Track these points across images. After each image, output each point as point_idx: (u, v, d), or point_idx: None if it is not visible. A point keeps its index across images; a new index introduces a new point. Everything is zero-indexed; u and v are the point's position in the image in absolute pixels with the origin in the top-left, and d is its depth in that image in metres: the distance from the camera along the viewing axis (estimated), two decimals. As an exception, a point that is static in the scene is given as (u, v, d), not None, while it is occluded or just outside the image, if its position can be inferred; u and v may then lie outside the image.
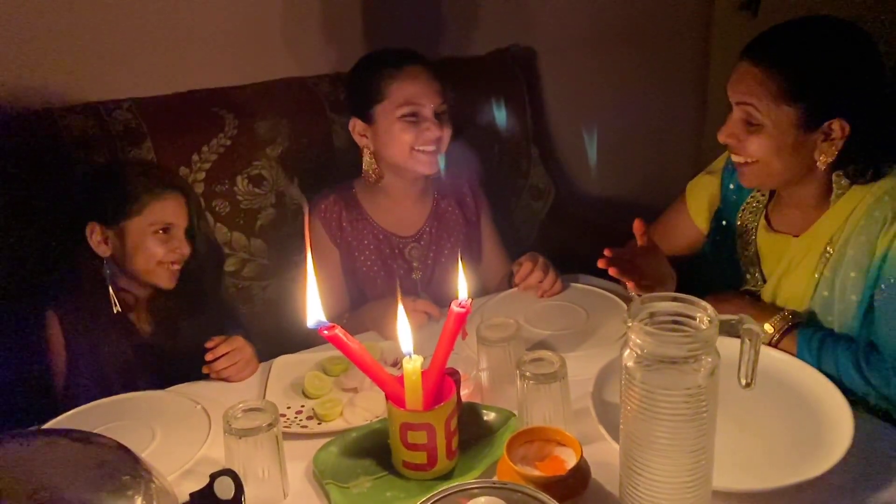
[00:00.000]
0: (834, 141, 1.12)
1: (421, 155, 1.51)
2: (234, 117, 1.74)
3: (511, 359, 1.09)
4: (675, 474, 0.81)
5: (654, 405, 0.78)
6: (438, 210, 1.66)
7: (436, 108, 1.51)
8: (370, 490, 0.96)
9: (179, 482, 0.97)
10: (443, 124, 1.52)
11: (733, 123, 1.18)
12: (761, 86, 1.13)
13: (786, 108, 1.12)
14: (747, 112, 1.15)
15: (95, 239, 1.36)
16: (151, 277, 1.39)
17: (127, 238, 1.36)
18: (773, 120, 1.13)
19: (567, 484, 0.89)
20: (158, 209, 1.37)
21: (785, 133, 1.13)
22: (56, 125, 1.59)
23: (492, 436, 1.04)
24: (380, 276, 1.61)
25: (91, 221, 1.35)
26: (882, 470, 0.96)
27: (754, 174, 1.21)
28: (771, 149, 1.15)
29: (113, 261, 1.38)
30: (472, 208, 1.70)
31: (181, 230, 1.41)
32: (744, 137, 1.17)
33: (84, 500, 0.73)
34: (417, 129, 1.49)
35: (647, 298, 0.81)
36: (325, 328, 0.90)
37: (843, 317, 1.15)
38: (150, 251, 1.36)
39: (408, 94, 1.50)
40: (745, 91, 1.15)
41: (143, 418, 1.13)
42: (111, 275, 1.38)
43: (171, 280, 1.40)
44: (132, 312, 1.43)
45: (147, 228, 1.36)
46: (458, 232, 1.67)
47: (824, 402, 1.05)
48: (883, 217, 1.10)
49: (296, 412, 1.14)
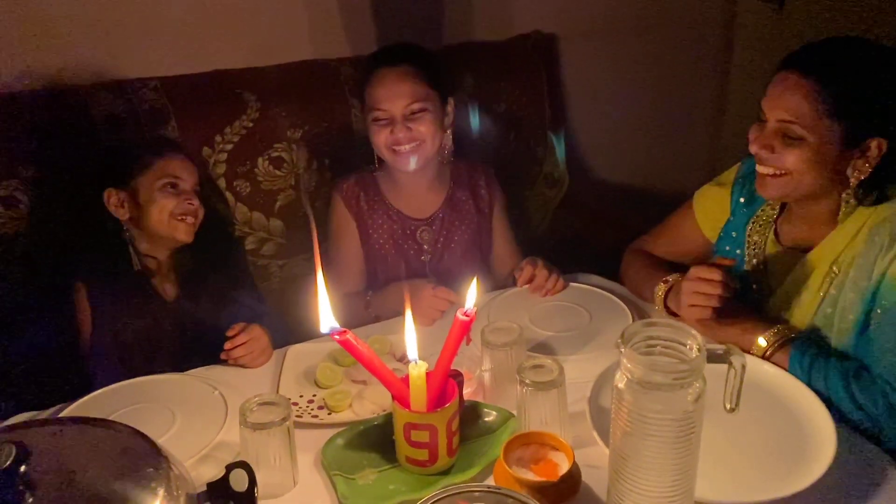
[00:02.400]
0: (869, 159, 1.14)
1: (397, 155, 1.58)
2: (256, 99, 1.78)
3: (513, 361, 1.14)
4: (659, 487, 0.86)
5: (642, 426, 0.83)
6: (453, 198, 1.71)
7: (405, 111, 1.54)
8: (374, 482, 1.02)
9: (196, 467, 1.04)
10: (419, 124, 1.55)
11: (769, 134, 1.18)
12: (810, 99, 1.13)
13: (831, 124, 1.13)
14: (787, 125, 1.15)
15: (113, 203, 1.45)
16: (168, 231, 1.46)
17: (139, 196, 1.45)
18: (817, 134, 1.13)
19: (558, 489, 0.95)
20: (162, 165, 1.46)
21: (827, 148, 1.14)
22: (85, 103, 1.64)
23: (491, 434, 1.10)
24: (391, 255, 1.68)
25: (107, 189, 1.44)
26: (862, 486, 0.99)
27: (780, 186, 1.20)
28: (809, 162, 1.15)
29: (132, 223, 1.46)
30: (486, 199, 1.74)
31: (189, 185, 1.49)
32: (780, 149, 1.17)
33: (110, 488, 0.79)
34: (388, 131, 1.55)
35: (640, 323, 0.85)
36: (337, 333, 0.95)
37: (841, 335, 1.17)
38: (161, 203, 1.44)
39: (375, 98, 1.56)
40: (792, 104, 1.14)
41: (163, 401, 1.19)
42: (131, 237, 1.46)
43: (188, 233, 1.47)
44: (155, 277, 1.50)
45: (155, 184, 1.45)
46: (470, 221, 1.71)
47: (810, 418, 1.09)
48: (881, 243, 1.12)
49: (308, 401, 1.21)
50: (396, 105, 1.54)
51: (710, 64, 2.50)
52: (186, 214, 1.46)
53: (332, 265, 1.69)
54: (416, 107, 1.55)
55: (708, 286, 1.23)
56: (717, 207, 1.43)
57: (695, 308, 1.25)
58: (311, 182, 1.86)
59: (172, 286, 1.52)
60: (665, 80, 2.40)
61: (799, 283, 1.26)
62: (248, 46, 1.85)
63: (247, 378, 1.29)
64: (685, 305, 1.26)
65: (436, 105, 1.59)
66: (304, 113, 1.83)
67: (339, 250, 1.70)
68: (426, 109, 1.56)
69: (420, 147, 1.57)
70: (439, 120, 1.60)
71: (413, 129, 1.55)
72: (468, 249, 1.71)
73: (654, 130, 2.44)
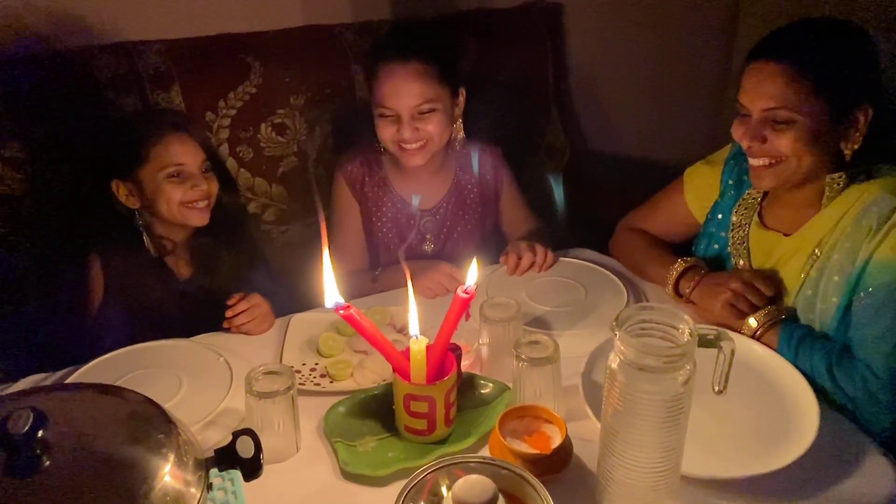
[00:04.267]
0: (860, 128, 1.16)
1: (403, 152, 1.55)
2: (259, 65, 1.78)
3: (510, 336, 1.18)
4: (647, 463, 0.89)
5: (633, 405, 0.86)
6: (458, 187, 1.70)
7: (413, 111, 1.50)
8: (374, 449, 1.07)
9: (202, 431, 1.08)
10: (427, 123, 1.52)
11: (757, 125, 1.19)
12: (791, 82, 1.14)
13: (816, 101, 1.14)
14: (773, 112, 1.17)
15: (122, 193, 1.42)
16: (181, 219, 1.43)
17: (144, 187, 1.41)
18: (805, 113, 1.15)
19: (550, 461, 0.99)
20: (163, 153, 1.40)
21: (818, 125, 1.15)
22: (90, 65, 1.64)
23: (487, 406, 1.14)
24: (393, 243, 1.68)
25: (115, 179, 1.42)
26: (843, 465, 1.03)
27: (777, 174, 1.21)
28: (804, 142, 1.16)
29: (145, 209, 1.44)
30: (492, 186, 1.72)
31: (195, 168, 1.43)
32: (772, 137, 1.18)
33: (123, 453, 0.83)
34: (395, 127, 1.52)
35: (635, 307, 0.88)
36: (342, 308, 0.98)
37: (823, 317, 1.20)
38: (168, 195, 1.40)
39: (381, 94, 1.51)
40: (774, 90, 1.16)
41: (170, 367, 1.22)
42: (144, 224, 1.44)
43: (201, 218, 1.45)
44: (171, 256, 1.49)
45: (158, 175, 1.40)
46: (474, 210, 1.71)
47: (795, 397, 1.12)
48: (868, 226, 1.14)
49: (310, 369, 1.24)
50: (404, 105, 1.50)
51: (715, 35, 2.49)
52: (196, 200, 1.43)
53: (335, 244, 1.67)
54: (425, 107, 1.51)
55: (756, 297, 1.25)
56: (706, 187, 1.45)
57: (733, 310, 1.26)
58: (314, 149, 1.86)
59: (186, 265, 1.52)
60: (669, 51, 2.39)
61: (780, 266, 1.29)
62: (252, 9, 1.84)
63: (251, 345, 1.32)
64: (723, 302, 1.27)
65: (446, 102, 1.54)
66: (307, 79, 1.83)
67: (342, 231, 1.69)
68: (435, 109, 1.52)
69: (427, 144, 1.54)
70: (449, 116, 1.56)
71: (421, 129, 1.52)
72: (471, 237, 1.71)
73: (657, 102, 2.44)
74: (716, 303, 1.28)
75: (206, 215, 1.45)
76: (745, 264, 1.36)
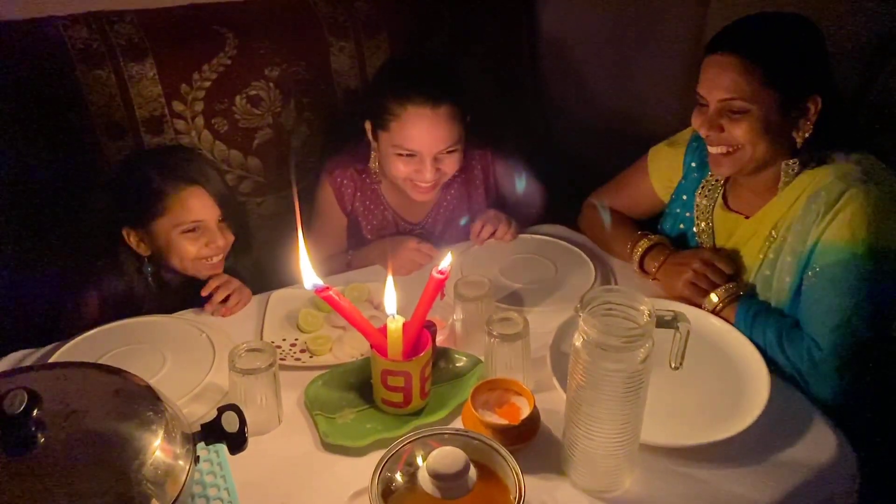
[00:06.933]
0: (810, 117, 1.22)
1: (418, 187, 1.54)
2: (234, 36, 1.77)
3: (483, 313, 1.23)
4: (608, 434, 0.96)
5: (596, 382, 0.92)
6: (449, 194, 1.71)
7: (440, 153, 1.49)
8: (353, 421, 1.12)
9: (187, 405, 1.12)
10: (448, 163, 1.52)
11: (714, 116, 1.24)
12: (744, 74, 1.20)
13: (768, 92, 1.20)
14: (728, 103, 1.22)
15: (133, 241, 1.41)
16: (192, 272, 1.41)
17: (157, 239, 1.39)
18: (758, 103, 1.20)
19: (519, 431, 1.05)
20: (179, 209, 1.37)
21: (770, 115, 1.21)
22: (60, 35, 1.63)
23: (460, 378, 1.20)
24: None
25: (126, 227, 1.40)
26: (792, 432, 1.11)
27: (734, 162, 1.27)
28: (757, 132, 1.22)
29: (156, 256, 1.42)
30: (482, 190, 1.73)
31: (212, 223, 1.40)
32: (728, 126, 1.23)
33: (114, 430, 0.86)
34: (413, 167, 1.50)
35: (598, 290, 0.94)
36: (321, 289, 1.03)
37: (779, 295, 1.27)
38: (183, 250, 1.38)
39: (405, 136, 1.47)
40: (728, 81, 1.21)
41: (153, 342, 1.25)
42: (153, 271, 1.43)
43: (214, 269, 1.42)
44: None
45: (174, 229, 1.37)
46: (462, 215, 1.72)
47: (748, 367, 1.20)
48: (817, 210, 1.20)
49: (290, 344, 1.28)
50: (430, 148, 1.48)
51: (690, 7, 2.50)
52: (210, 256, 1.41)
53: (314, 236, 1.67)
54: (450, 148, 1.50)
55: (716, 276, 1.32)
56: (669, 168, 1.51)
57: (694, 288, 1.33)
58: (290, 121, 1.88)
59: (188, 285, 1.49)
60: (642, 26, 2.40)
61: (741, 246, 1.36)
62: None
63: (232, 321, 1.36)
64: (685, 281, 1.34)
65: (463, 137, 1.53)
66: (282, 51, 1.82)
67: (322, 228, 1.70)
68: (457, 150, 1.52)
69: (441, 179, 1.55)
70: (464, 148, 1.55)
71: (441, 169, 1.51)
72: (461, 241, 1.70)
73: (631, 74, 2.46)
74: (678, 281, 1.35)
75: (220, 265, 1.43)
76: (710, 244, 1.42)
